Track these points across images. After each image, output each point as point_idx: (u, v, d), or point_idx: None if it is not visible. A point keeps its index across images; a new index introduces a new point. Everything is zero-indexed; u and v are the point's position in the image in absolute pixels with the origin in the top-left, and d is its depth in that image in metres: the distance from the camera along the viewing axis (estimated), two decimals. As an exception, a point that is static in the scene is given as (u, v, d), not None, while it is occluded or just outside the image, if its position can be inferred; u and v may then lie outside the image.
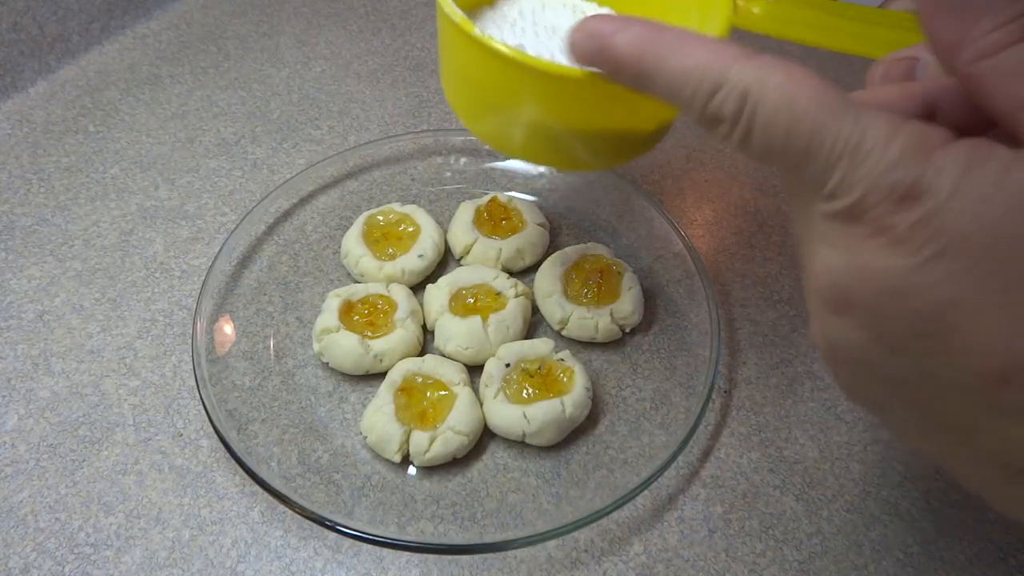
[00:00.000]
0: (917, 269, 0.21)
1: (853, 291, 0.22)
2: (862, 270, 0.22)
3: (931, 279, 0.21)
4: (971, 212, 0.20)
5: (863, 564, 0.40)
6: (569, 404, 0.42)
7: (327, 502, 0.40)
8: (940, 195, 0.20)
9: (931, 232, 0.20)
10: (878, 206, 0.21)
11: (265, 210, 0.53)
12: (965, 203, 0.20)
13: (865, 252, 0.22)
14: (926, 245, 0.21)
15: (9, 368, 0.46)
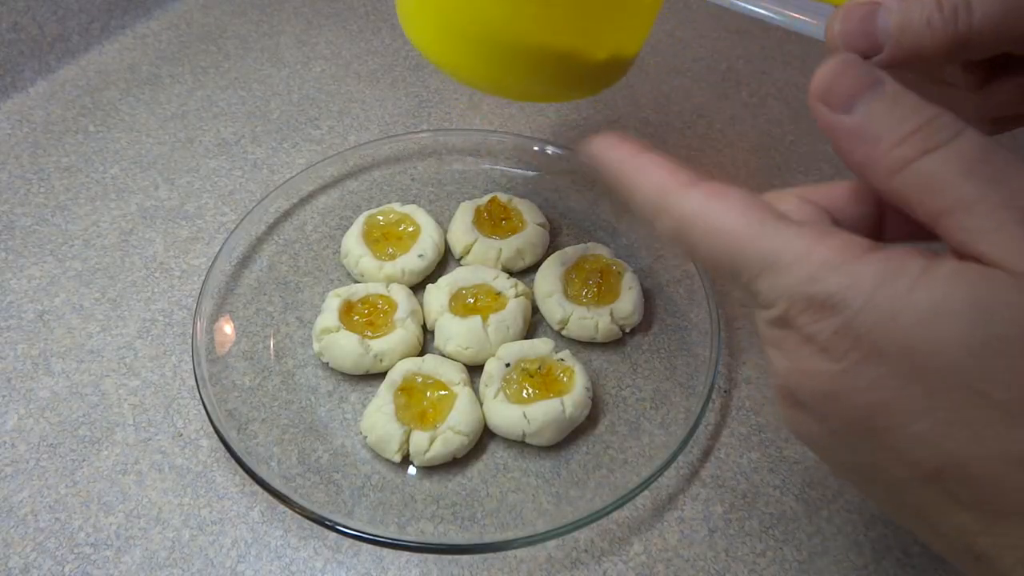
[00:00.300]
0: (844, 374, 0.22)
1: (798, 392, 0.24)
2: (801, 373, 0.23)
3: (859, 383, 0.22)
4: (883, 325, 0.21)
5: (863, 564, 0.40)
6: (569, 404, 0.42)
7: (327, 502, 0.40)
8: (854, 307, 0.21)
9: (851, 341, 0.21)
10: (800, 316, 0.22)
11: (265, 210, 0.53)
12: (877, 316, 0.21)
13: (801, 357, 0.23)
14: (848, 353, 0.22)
15: (9, 368, 0.46)
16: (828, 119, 0.24)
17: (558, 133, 0.63)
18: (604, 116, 0.64)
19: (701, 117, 0.66)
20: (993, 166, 0.21)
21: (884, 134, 0.22)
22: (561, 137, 0.62)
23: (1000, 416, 0.20)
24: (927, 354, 0.21)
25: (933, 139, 0.22)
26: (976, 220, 0.21)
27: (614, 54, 0.33)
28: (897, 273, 0.21)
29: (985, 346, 0.20)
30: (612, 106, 0.65)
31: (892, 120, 0.22)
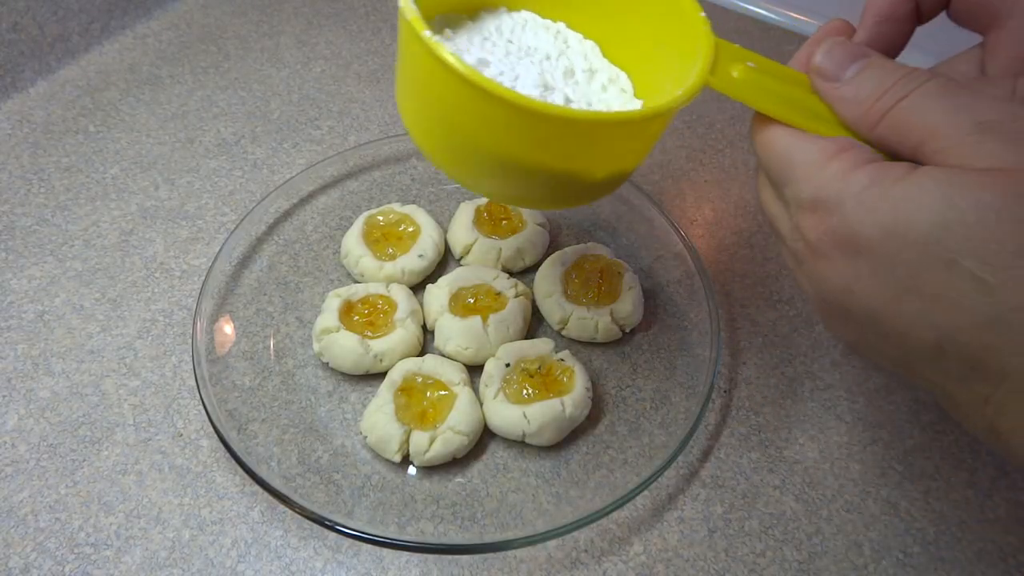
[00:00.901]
0: (840, 268, 0.26)
1: (819, 299, 0.28)
2: (810, 275, 0.28)
3: (860, 274, 0.26)
4: (868, 219, 0.25)
5: (863, 564, 0.40)
6: (569, 404, 0.42)
7: (327, 502, 0.40)
8: (846, 206, 0.25)
9: (846, 237, 0.25)
10: (806, 219, 0.27)
11: (265, 210, 0.53)
12: (863, 212, 0.25)
13: (809, 260, 0.28)
14: (840, 251, 0.26)
15: (9, 368, 0.46)
16: (823, 87, 0.29)
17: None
18: (604, 116, 0.64)
19: (701, 117, 0.66)
20: (954, 98, 0.25)
21: (868, 93, 0.27)
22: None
23: (972, 284, 0.23)
24: (903, 234, 0.24)
25: (906, 88, 0.26)
26: (943, 142, 0.25)
27: (611, 176, 0.33)
28: (883, 176, 0.25)
29: (949, 220, 0.23)
30: (612, 106, 0.65)
31: (875, 81, 0.27)
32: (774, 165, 0.29)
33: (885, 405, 0.47)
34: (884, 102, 0.26)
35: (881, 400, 0.47)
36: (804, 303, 0.52)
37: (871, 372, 0.48)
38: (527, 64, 0.33)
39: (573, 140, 0.29)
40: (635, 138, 0.31)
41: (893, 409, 0.47)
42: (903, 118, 0.26)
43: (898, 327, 0.25)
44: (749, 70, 0.30)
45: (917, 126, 0.25)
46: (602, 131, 0.29)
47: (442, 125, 0.31)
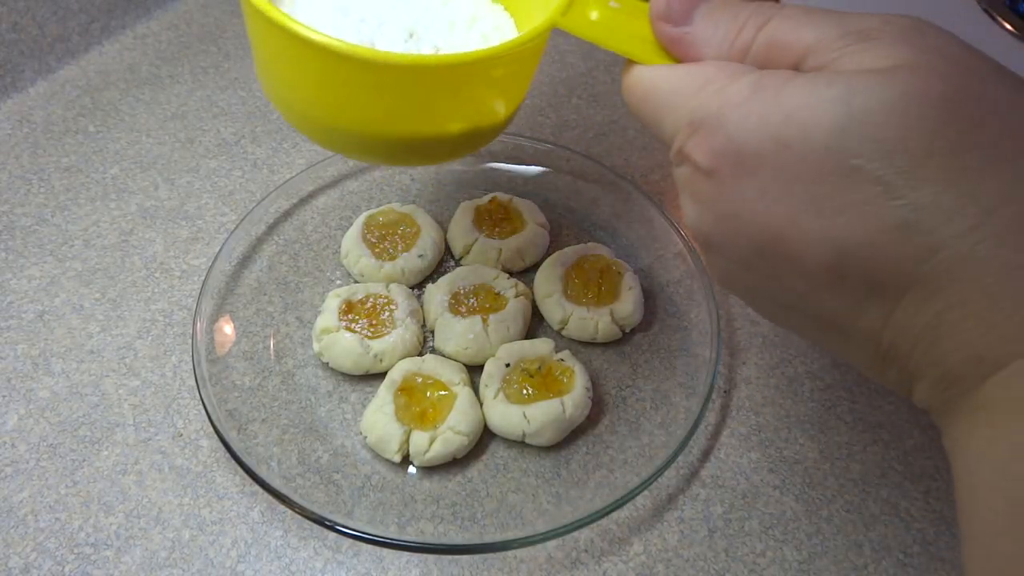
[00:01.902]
0: (734, 191, 0.24)
1: (701, 227, 0.26)
2: (702, 207, 0.26)
3: (748, 194, 0.24)
4: (757, 131, 0.23)
5: (863, 564, 0.40)
6: (569, 404, 0.42)
7: (327, 502, 0.40)
8: (729, 120, 0.24)
9: (732, 155, 0.24)
10: (688, 143, 0.25)
11: (265, 210, 0.53)
12: (750, 123, 0.23)
13: (699, 190, 0.25)
14: (733, 168, 0.24)
15: (9, 368, 0.46)
16: (672, 33, 0.27)
17: (558, 133, 0.63)
18: (604, 116, 0.64)
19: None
20: (818, 16, 0.24)
21: (726, 29, 0.26)
22: (561, 137, 0.62)
23: (878, 189, 0.21)
24: (799, 144, 0.22)
25: (763, 16, 0.26)
26: (825, 54, 0.24)
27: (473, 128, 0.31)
28: (765, 84, 0.23)
29: (850, 122, 0.21)
30: (611, 106, 0.65)
31: (727, 16, 0.26)
32: (646, 106, 0.27)
33: (885, 405, 0.47)
34: (746, 34, 0.26)
35: (881, 400, 0.47)
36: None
37: (871, 372, 0.48)
38: (400, 11, 0.32)
39: (400, 86, 0.27)
40: (476, 83, 0.29)
41: (893, 409, 0.47)
42: (772, 42, 0.25)
43: (793, 250, 0.23)
44: (611, 11, 0.28)
45: (790, 45, 0.24)
46: (423, 75, 0.27)
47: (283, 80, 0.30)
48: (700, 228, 0.26)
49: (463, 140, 0.32)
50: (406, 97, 0.28)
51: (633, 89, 0.28)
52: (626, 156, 0.61)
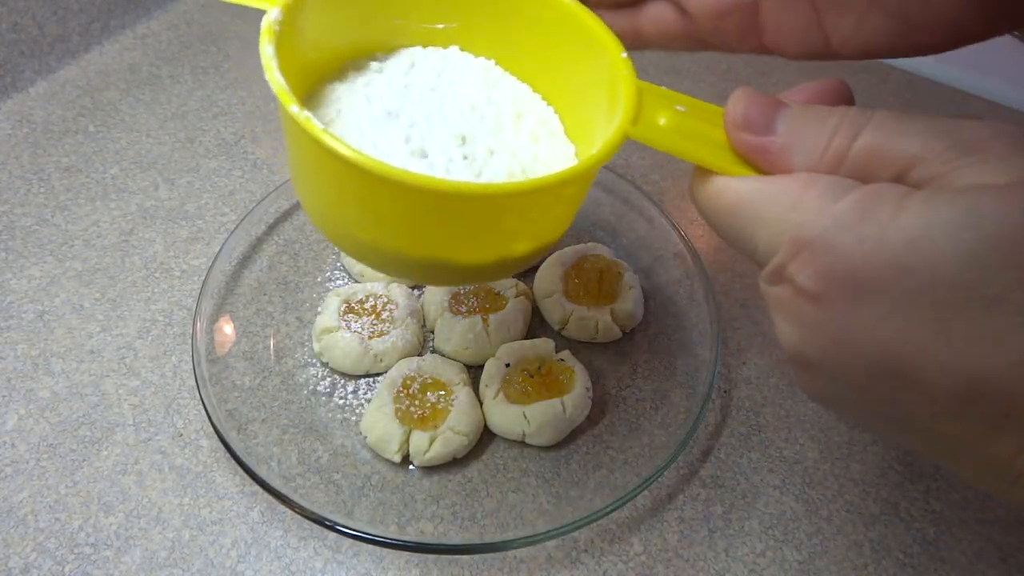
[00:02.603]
0: (846, 318, 0.22)
1: (805, 350, 0.24)
2: (803, 329, 0.23)
3: (864, 323, 0.22)
4: (873, 257, 0.21)
5: (863, 564, 0.40)
6: (569, 404, 0.42)
7: (327, 502, 0.40)
8: (839, 245, 0.22)
9: (844, 281, 0.22)
10: (790, 264, 0.23)
11: (265, 210, 0.53)
12: (864, 249, 0.21)
13: (800, 312, 0.23)
14: (844, 294, 0.22)
15: (9, 368, 0.46)
16: (755, 142, 0.25)
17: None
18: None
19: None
20: (917, 124, 0.23)
21: (813, 138, 0.24)
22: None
23: (1019, 319, 0.20)
24: (927, 272, 0.20)
25: (856, 124, 0.23)
26: (934, 166, 0.22)
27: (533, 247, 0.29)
28: (877, 205, 0.21)
29: (985, 249, 0.20)
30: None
31: (815, 124, 0.24)
32: (733, 219, 0.25)
33: (885, 405, 0.47)
34: (838, 143, 0.24)
35: (881, 400, 0.47)
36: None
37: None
38: (446, 111, 0.30)
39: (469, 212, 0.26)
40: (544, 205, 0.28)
41: (893, 409, 0.47)
42: (871, 153, 0.23)
43: (919, 379, 0.22)
44: (679, 115, 0.26)
45: (892, 156, 0.23)
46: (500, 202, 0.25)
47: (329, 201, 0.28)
48: (802, 351, 0.24)
49: (525, 258, 0.30)
50: (479, 223, 0.27)
51: (715, 200, 0.26)
52: (626, 156, 0.61)
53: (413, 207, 0.26)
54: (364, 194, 0.26)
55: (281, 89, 0.25)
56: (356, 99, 0.30)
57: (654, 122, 0.26)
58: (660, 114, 0.27)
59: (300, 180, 0.30)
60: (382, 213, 0.27)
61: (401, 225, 0.27)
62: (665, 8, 0.31)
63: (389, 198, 0.25)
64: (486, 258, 0.28)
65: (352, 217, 0.28)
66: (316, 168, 0.27)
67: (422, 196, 0.24)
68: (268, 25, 0.26)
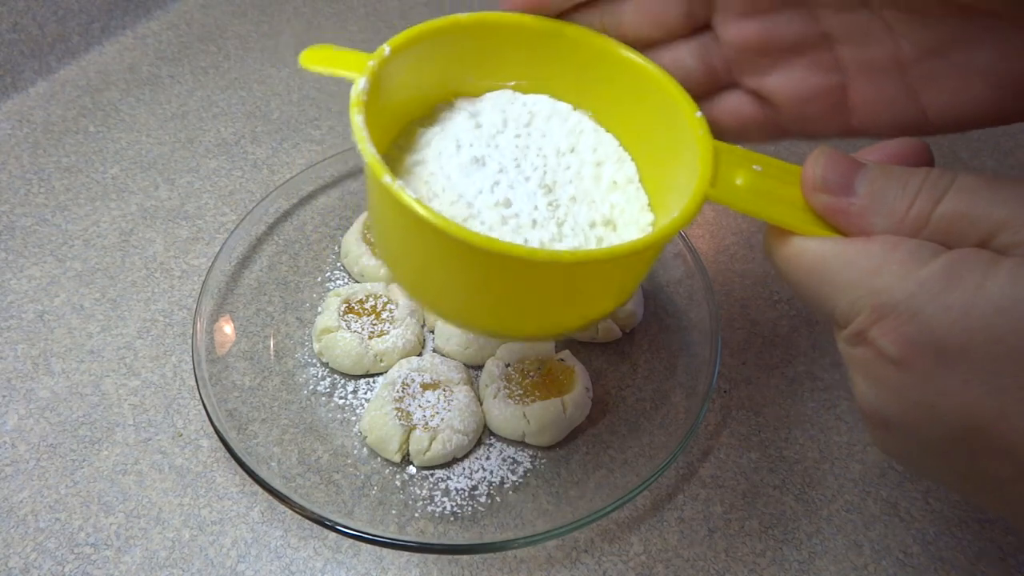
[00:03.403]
0: (928, 383, 0.22)
1: (883, 410, 0.24)
2: (883, 390, 0.24)
3: (947, 388, 0.22)
4: (959, 324, 0.21)
5: (863, 564, 0.40)
6: (569, 404, 0.42)
7: (327, 502, 0.40)
8: (925, 311, 0.22)
9: (927, 346, 0.22)
10: (872, 329, 0.23)
11: (265, 210, 0.53)
12: (951, 316, 0.21)
13: (880, 374, 0.23)
14: (928, 359, 0.22)
15: (9, 368, 0.46)
16: (834, 204, 0.25)
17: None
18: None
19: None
20: (1003, 189, 0.23)
21: (894, 200, 0.24)
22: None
23: None
24: (1014, 339, 0.21)
25: (939, 187, 0.23)
26: (1017, 233, 0.22)
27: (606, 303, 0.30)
28: (963, 272, 0.22)
29: None
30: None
31: (896, 187, 0.24)
32: (812, 280, 0.25)
33: (885, 405, 0.47)
34: (921, 206, 0.24)
35: (881, 400, 0.47)
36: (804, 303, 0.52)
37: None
38: (530, 154, 0.31)
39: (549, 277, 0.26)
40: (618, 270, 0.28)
41: (893, 409, 0.47)
42: (955, 217, 0.23)
43: (1002, 444, 0.22)
44: (755, 175, 0.26)
45: (977, 221, 0.23)
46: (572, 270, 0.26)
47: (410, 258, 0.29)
48: (881, 412, 0.24)
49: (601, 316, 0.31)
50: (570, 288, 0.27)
51: (793, 261, 0.26)
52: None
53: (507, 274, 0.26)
54: (455, 261, 0.26)
55: (374, 160, 0.25)
56: (445, 144, 0.30)
57: (731, 183, 0.26)
58: (737, 174, 0.27)
59: (390, 246, 0.30)
60: (472, 278, 0.27)
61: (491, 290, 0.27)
62: (742, 99, 0.31)
63: (482, 266, 0.26)
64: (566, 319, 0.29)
65: (441, 281, 0.28)
66: (408, 235, 0.27)
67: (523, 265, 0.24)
68: (357, 96, 0.27)
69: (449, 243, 0.24)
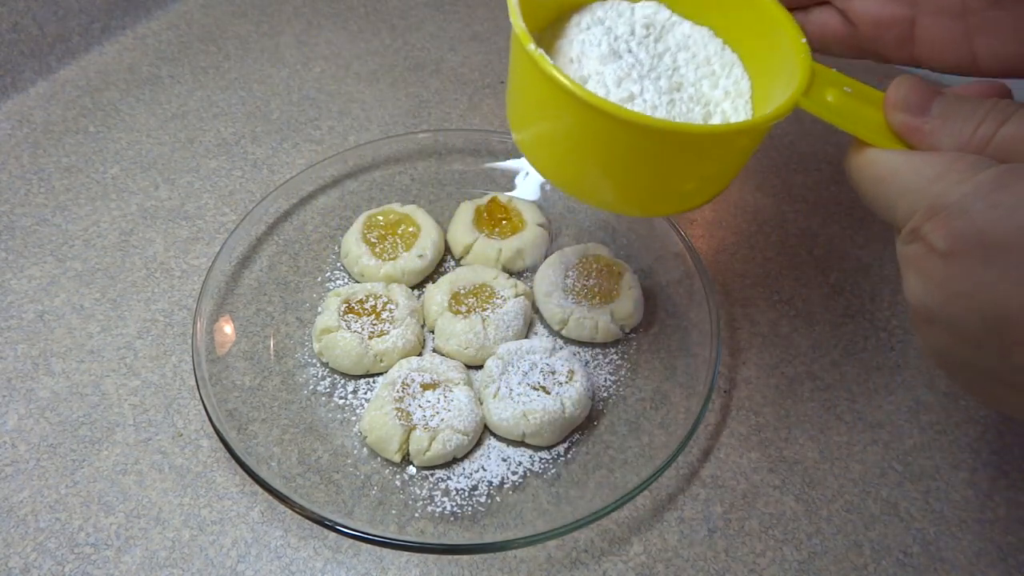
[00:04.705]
0: (970, 272, 0.25)
1: (928, 302, 0.27)
2: (930, 283, 0.26)
3: (987, 278, 0.24)
4: (1004, 220, 0.24)
5: (863, 564, 0.40)
6: (569, 404, 0.42)
7: (327, 502, 0.40)
8: (975, 208, 0.24)
9: (973, 240, 0.24)
10: (926, 224, 0.26)
11: (265, 210, 0.53)
12: (997, 213, 0.24)
13: (930, 267, 0.26)
14: (973, 252, 0.24)
15: (9, 368, 0.46)
16: (909, 122, 0.29)
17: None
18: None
19: (701, 117, 0.66)
20: None
21: (963, 122, 0.27)
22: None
23: None
24: None
25: (1004, 113, 0.27)
26: None
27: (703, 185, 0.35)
28: (1013, 178, 0.24)
29: None
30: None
31: (966, 111, 0.27)
32: (880, 186, 0.28)
33: (885, 405, 0.47)
34: (985, 129, 0.27)
35: (881, 400, 0.47)
36: (804, 303, 0.52)
37: (871, 372, 0.48)
38: (664, 61, 0.35)
39: (659, 148, 0.31)
40: (719, 149, 0.32)
41: (893, 409, 0.47)
42: (1014, 140, 0.26)
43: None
44: (845, 95, 0.31)
45: None
46: (680, 140, 0.30)
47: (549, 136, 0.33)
48: (927, 304, 0.27)
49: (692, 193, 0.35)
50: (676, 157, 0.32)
51: (866, 169, 0.29)
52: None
53: (620, 140, 0.31)
54: (585, 127, 0.31)
55: (522, 31, 0.30)
56: (592, 33, 0.35)
57: (822, 98, 0.31)
58: (828, 92, 0.31)
59: (527, 114, 0.34)
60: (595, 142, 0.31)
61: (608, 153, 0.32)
62: (831, 15, 0.35)
63: (608, 131, 0.30)
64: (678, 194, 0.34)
65: (566, 148, 0.33)
66: (543, 101, 0.32)
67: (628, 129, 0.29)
68: None
69: (582, 109, 0.29)
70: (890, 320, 0.51)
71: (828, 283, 0.53)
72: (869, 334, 0.50)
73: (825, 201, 0.59)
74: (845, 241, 0.56)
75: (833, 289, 0.53)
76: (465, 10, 0.76)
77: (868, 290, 0.53)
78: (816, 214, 0.58)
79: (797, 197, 0.59)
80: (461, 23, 0.74)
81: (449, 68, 0.69)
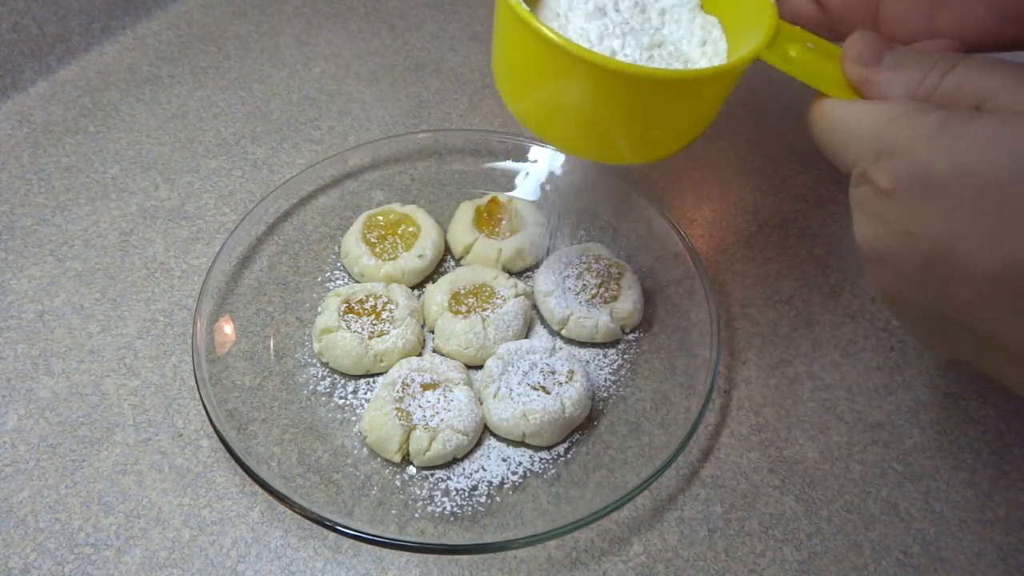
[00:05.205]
0: (913, 211, 0.26)
1: (874, 243, 0.28)
2: (878, 223, 0.28)
3: (927, 215, 0.26)
4: (941, 159, 0.25)
5: (863, 564, 0.40)
6: (569, 404, 0.42)
7: (327, 502, 0.40)
8: (915, 149, 0.26)
9: (915, 180, 0.26)
10: (873, 167, 0.27)
11: (265, 210, 0.53)
12: (935, 153, 0.26)
13: (876, 208, 0.28)
14: (914, 191, 0.26)
15: (9, 368, 0.46)
16: (864, 73, 0.30)
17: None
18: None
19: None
20: (999, 66, 0.27)
21: (913, 73, 0.29)
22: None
23: None
24: (980, 172, 0.25)
25: (950, 62, 0.28)
26: (1006, 98, 0.26)
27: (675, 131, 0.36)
28: (952, 120, 0.26)
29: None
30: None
31: (914, 61, 0.29)
32: (833, 134, 0.30)
33: (885, 405, 0.47)
34: (931, 79, 0.28)
35: (881, 400, 0.47)
36: (804, 303, 0.52)
37: (871, 372, 0.48)
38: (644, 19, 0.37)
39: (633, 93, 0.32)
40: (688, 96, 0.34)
41: (893, 409, 0.47)
42: (958, 86, 0.28)
43: (963, 262, 0.26)
44: (807, 51, 0.33)
45: (973, 89, 0.27)
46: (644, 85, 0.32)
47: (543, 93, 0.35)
48: (872, 243, 0.28)
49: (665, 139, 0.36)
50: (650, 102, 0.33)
51: (822, 119, 0.31)
52: (626, 156, 0.61)
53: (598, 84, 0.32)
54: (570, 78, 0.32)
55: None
56: None
57: (785, 52, 0.33)
58: (791, 47, 0.33)
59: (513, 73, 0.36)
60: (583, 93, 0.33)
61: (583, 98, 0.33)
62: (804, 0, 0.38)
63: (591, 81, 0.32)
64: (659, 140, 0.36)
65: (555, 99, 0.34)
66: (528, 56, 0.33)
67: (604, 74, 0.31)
68: None
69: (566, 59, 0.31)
70: (890, 320, 0.51)
71: (828, 283, 0.53)
72: (869, 334, 0.50)
73: (825, 201, 0.59)
74: (845, 241, 0.56)
75: (833, 289, 0.53)
76: (465, 10, 0.76)
77: (868, 290, 0.53)
78: (816, 214, 0.58)
79: (797, 197, 0.59)
80: (461, 23, 0.74)
81: (449, 68, 0.69)
